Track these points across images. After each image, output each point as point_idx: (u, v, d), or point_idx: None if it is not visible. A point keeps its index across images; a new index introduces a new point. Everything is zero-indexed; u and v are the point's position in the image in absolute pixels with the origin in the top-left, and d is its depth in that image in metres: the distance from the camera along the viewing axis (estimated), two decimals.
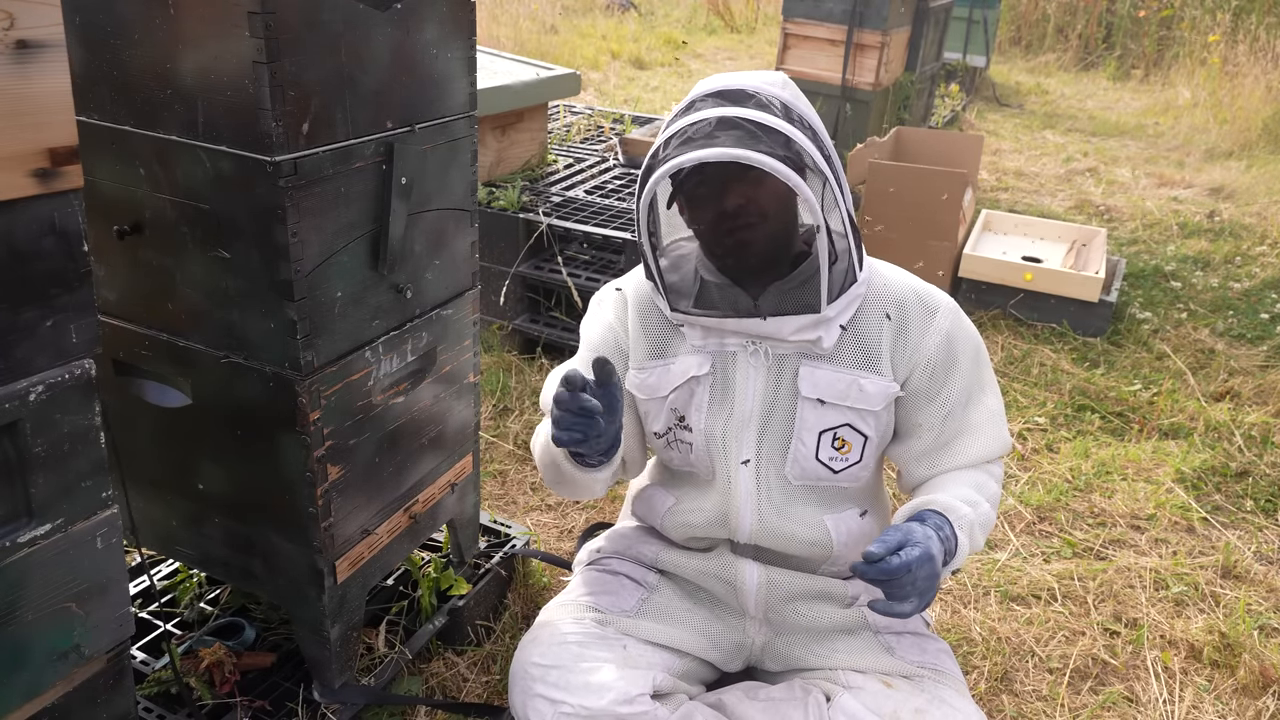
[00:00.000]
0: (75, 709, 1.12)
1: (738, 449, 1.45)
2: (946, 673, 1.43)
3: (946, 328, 1.44)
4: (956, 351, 1.44)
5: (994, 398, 1.50)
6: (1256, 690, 1.92)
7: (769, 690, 1.47)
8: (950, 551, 1.33)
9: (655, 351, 1.49)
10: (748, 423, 1.44)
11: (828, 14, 4.75)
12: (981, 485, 1.45)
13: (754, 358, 1.43)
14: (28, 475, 0.99)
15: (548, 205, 3.16)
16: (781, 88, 1.37)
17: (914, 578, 1.23)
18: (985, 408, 1.48)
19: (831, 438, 1.43)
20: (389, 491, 1.62)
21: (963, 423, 1.47)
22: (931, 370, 1.43)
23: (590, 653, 1.41)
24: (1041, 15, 9.45)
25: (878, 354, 1.42)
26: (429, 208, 1.55)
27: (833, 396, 1.41)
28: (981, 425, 1.47)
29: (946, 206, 3.57)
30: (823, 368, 1.42)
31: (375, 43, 1.35)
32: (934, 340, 1.43)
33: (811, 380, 1.42)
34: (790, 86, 1.39)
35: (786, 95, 1.36)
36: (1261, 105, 6.71)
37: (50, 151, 0.92)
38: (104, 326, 1.47)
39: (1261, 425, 2.91)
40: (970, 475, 1.47)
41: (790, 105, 1.34)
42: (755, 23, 10.80)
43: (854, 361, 1.42)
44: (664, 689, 1.43)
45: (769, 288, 1.42)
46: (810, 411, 1.42)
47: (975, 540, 1.39)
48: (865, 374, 1.42)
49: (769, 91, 1.34)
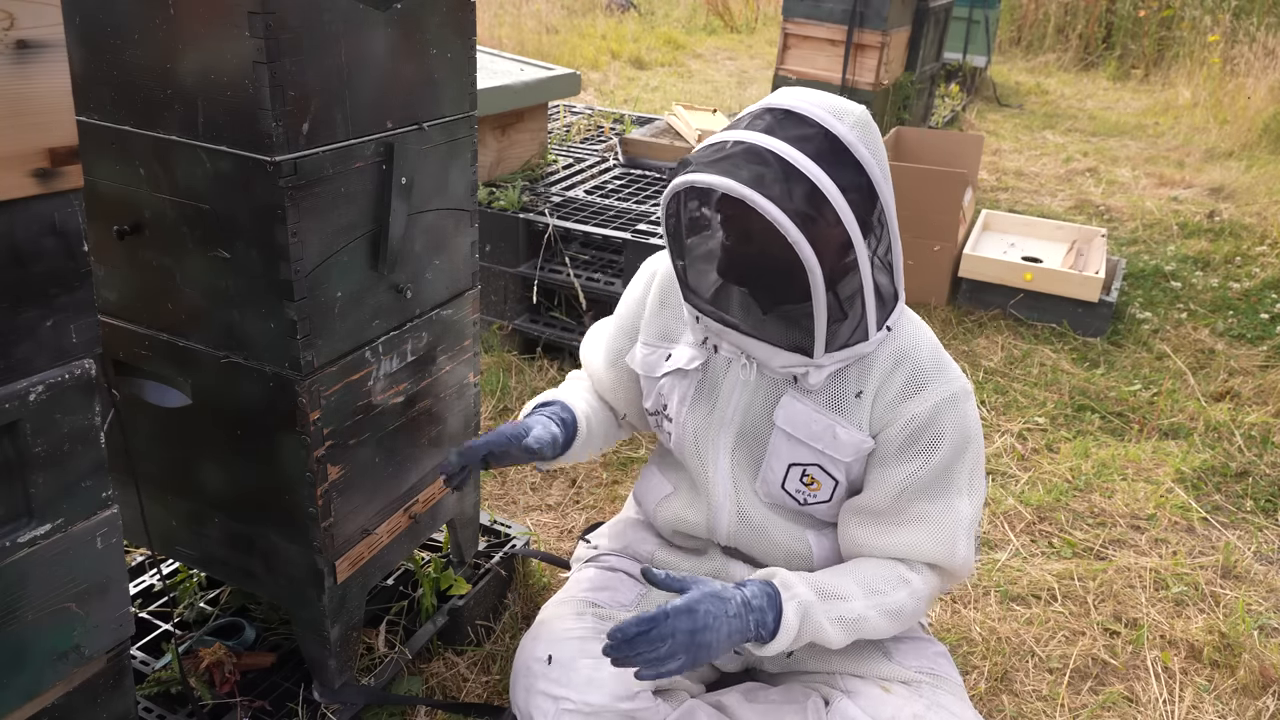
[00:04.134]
0: (75, 709, 1.12)
1: (714, 450, 1.46)
2: (945, 677, 1.43)
3: (938, 401, 1.34)
4: (944, 434, 1.34)
5: (967, 506, 1.37)
6: (1256, 690, 1.92)
7: (768, 693, 1.47)
8: (763, 624, 1.28)
9: (663, 333, 1.52)
10: (725, 426, 1.45)
11: (828, 14, 4.75)
12: (876, 586, 1.35)
13: (743, 371, 1.43)
14: (28, 475, 0.99)
15: (548, 205, 3.15)
16: (851, 126, 1.26)
17: (671, 629, 1.22)
18: (953, 509, 1.36)
19: (801, 473, 1.41)
20: (389, 491, 1.62)
21: (920, 508, 1.36)
22: (907, 432, 1.35)
23: (592, 649, 1.41)
24: (1041, 15, 9.45)
25: (860, 407, 1.37)
26: (429, 208, 1.55)
27: (806, 436, 1.38)
28: (939, 524, 1.36)
29: (946, 206, 3.57)
30: (803, 403, 1.38)
31: (375, 43, 1.35)
32: (923, 405, 1.34)
33: (788, 413, 1.39)
34: (863, 126, 1.28)
35: (850, 135, 1.25)
36: (1261, 105, 6.71)
37: (50, 151, 0.92)
38: (104, 326, 1.47)
39: (1261, 425, 2.91)
40: (880, 570, 1.37)
41: (850, 147, 1.24)
42: (755, 23, 10.80)
43: (834, 407, 1.37)
44: (664, 685, 1.43)
45: (780, 306, 1.36)
46: (783, 442, 1.41)
47: (820, 630, 1.31)
48: (843, 422, 1.37)
49: (829, 124, 1.25)
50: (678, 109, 3.81)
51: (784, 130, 1.24)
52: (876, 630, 1.35)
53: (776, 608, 1.29)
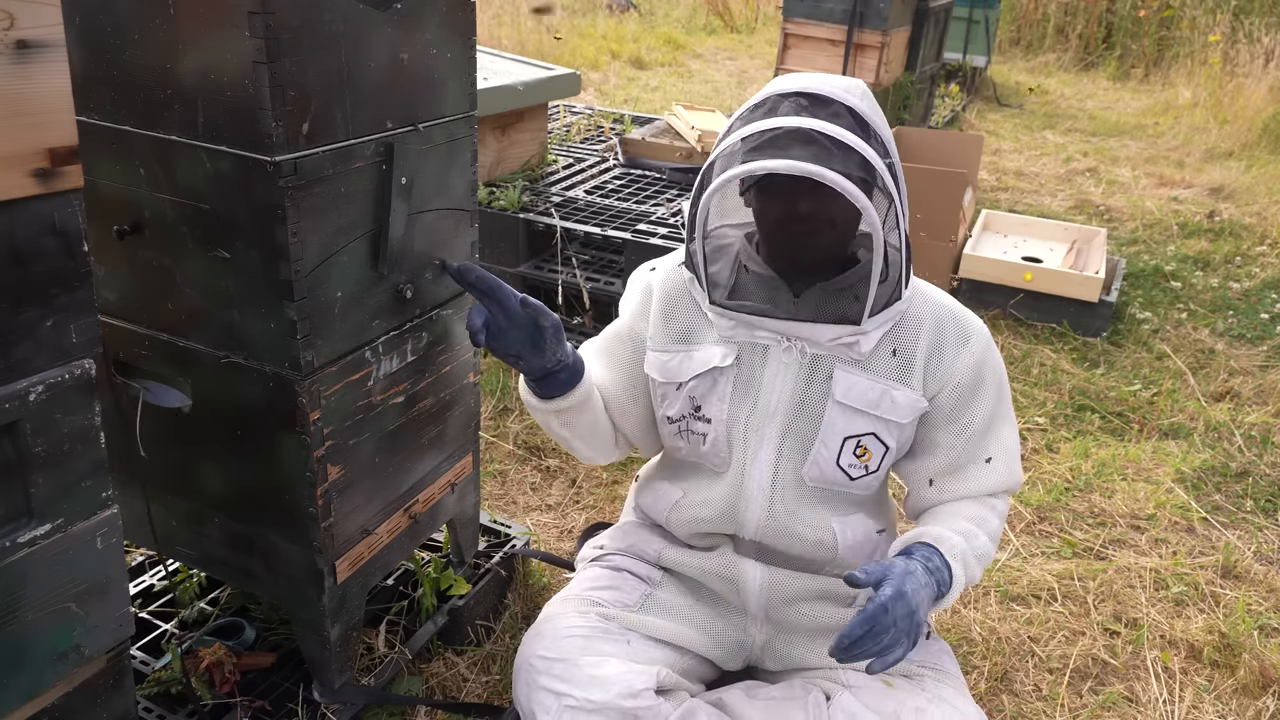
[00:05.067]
0: (75, 709, 1.12)
1: (757, 443, 1.45)
2: (947, 672, 1.43)
3: (979, 353, 1.44)
4: (984, 378, 1.45)
5: (1011, 431, 1.51)
6: (1256, 690, 1.92)
7: (769, 689, 1.47)
8: (943, 581, 1.35)
9: (680, 336, 1.49)
10: (771, 417, 1.44)
11: (828, 14, 4.75)
12: (982, 519, 1.46)
13: (786, 354, 1.43)
14: (28, 475, 0.99)
15: (548, 205, 3.15)
16: (860, 98, 1.35)
17: (892, 618, 1.24)
18: (1001, 440, 1.49)
19: (855, 444, 1.43)
20: (389, 491, 1.62)
21: (978, 449, 1.47)
22: (959, 392, 1.44)
23: (595, 646, 1.42)
24: (1041, 15, 9.45)
25: (912, 367, 1.42)
26: (429, 208, 1.55)
27: (864, 404, 1.41)
28: (996, 456, 1.48)
29: (946, 206, 3.57)
30: (857, 374, 1.41)
31: (375, 43, 1.35)
32: (966, 363, 1.43)
33: (846, 385, 1.41)
34: (868, 97, 1.38)
35: (864, 106, 1.35)
36: (1261, 105, 6.71)
37: (50, 151, 0.92)
38: (104, 326, 1.47)
39: (1261, 425, 2.91)
40: (971, 508, 1.47)
41: (867, 119, 1.33)
42: (755, 23, 10.80)
43: (888, 372, 1.42)
44: (667, 685, 1.43)
45: (814, 286, 1.42)
46: (839, 416, 1.42)
47: (971, 571, 1.41)
48: (898, 385, 1.42)
49: (848, 101, 1.33)
50: (678, 109, 3.81)
51: (815, 111, 1.31)
52: (990, 555, 1.46)
53: (945, 563, 1.37)
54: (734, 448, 1.46)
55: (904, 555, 1.37)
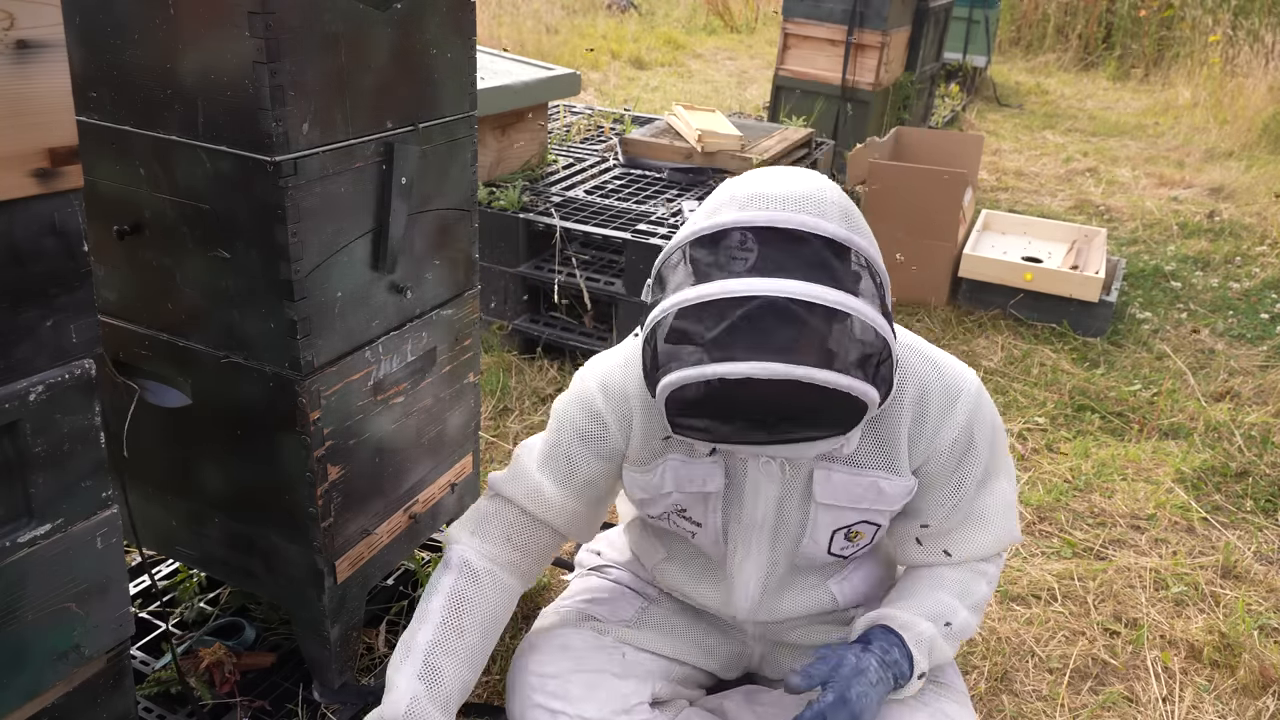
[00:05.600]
0: (75, 709, 1.12)
1: (744, 551, 1.39)
2: (948, 685, 1.42)
3: (966, 417, 1.30)
4: (975, 437, 1.33)
5: (1008, 483, 1.40)
6: (1256, 690, 1.92)
7: (770, 694, 1.46)
8: (902, 674, 1.29)
9: (663, 449, 1.32)
10: (759, 528, 1.37)
11: (828, 14, 4.75)
12: (966, 590, 1.38)
13: (766, 466, 1.31)
14: (28, 475, 0.99)
15: (548, 205, 3.15)
16: (838, 220, 1.07)
17: None
18: (998, 494, 1.38)
19: (845, 532, 1.37)
20: (389, 491, 1.62)
21: (971, 508, 1.37)
22: (947, 460, 1.33)
23: (589, 662, 1.41)
24: (1041, 15, 9.45)
25: (897, 450, 1.29)
26: (429, 208, 1.55)
27: (848, 501, 1.32)
28: (991, 514, 1.38)
29: (946, 206, 3.57)
30: (839, 471, 1.30)
31: (375, 43, 1.35)
32: (951, 434, 1.30)
33: (827, 485, 1.31)
34: (840, 207, 1.10)
35: (844, 231, 1.07)
36: (1262, 105, 6.71)
37: (50, 151, 0.92)
38: (104, 326, 1.47)
39: (1261, 425, 2.91)
40: (957, 576, 1.40)
41: (850, 243, 1.06)
42: (755, 23, 10.79)
43: (873, 462, 1.30)
44: (663, 696, 1.43)
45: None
46: (825, 515, 1.34)
47: (939, 654, 1.34)
48: (885, 474, 1.30)
49: (823, 229, 1.05)
50: (678, 109, 3.81)
51: (784, 259, 1.02)
52: (970, 629, 1.38)
53: (906, 652, 1.30)
54: (712, 547, 1.41)
55: (862, 643, 1.30)
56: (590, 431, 1.35)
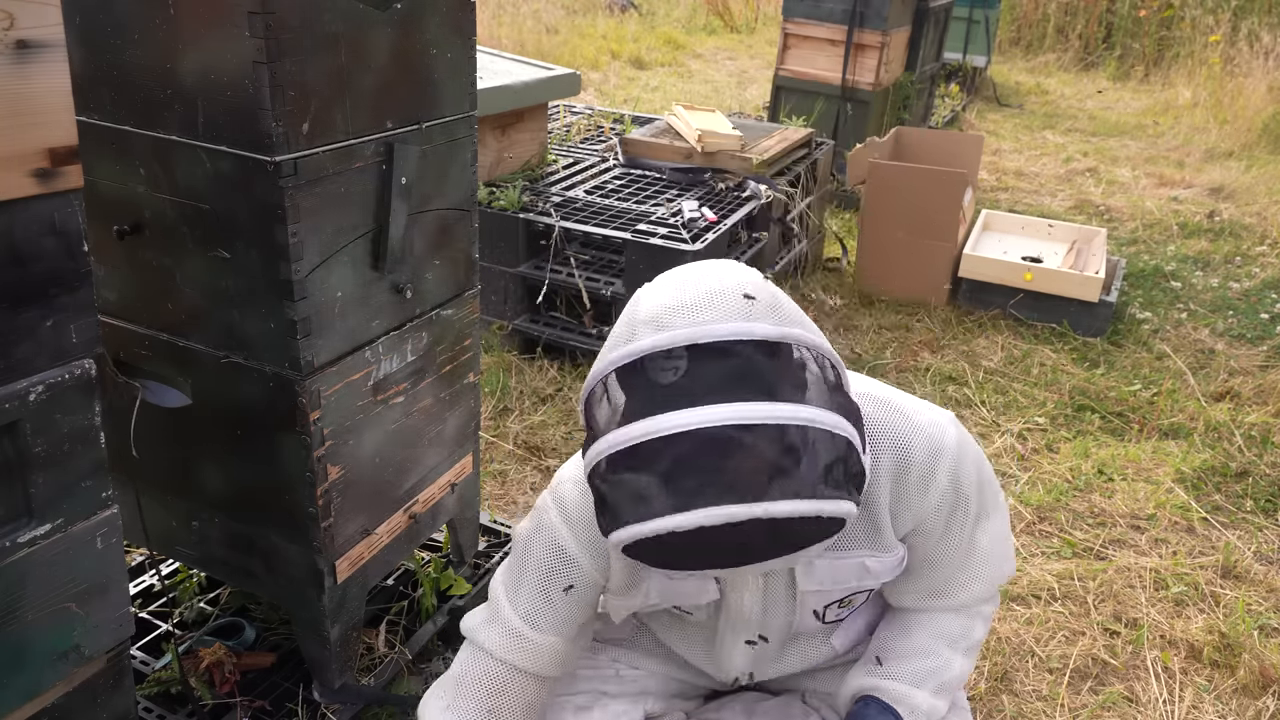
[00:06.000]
0: (75, 709, 1.12)
1: (732, 639, 1.34)
2: (956, 705, 1.41)
3: (947, 479, 1.19)
4: (962, 488, 1.22)
5: (1000, 523, 1.31)
6: (1256, 690, 1.92)
7: (768, 704, 1.45)
8: None
9: (645, 572, 1.22)
10: (745, 625, 1.32)
11: (828, 14, 4.75)
12: (960, 635, 1.33)
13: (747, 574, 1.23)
14: (28, 475, 0.99)
15: (548, 205, 3.15)
16: (765, 313, 0.95)
17: None
18: (991, 533, 1.29)
19: (836, 605, 1.31)
20: (389, 491, 1.62)
21: (963, 565, 1.29)
22: (934, 517, 1.23)
23: (580, 683, 1.40)
24: (1041, 15, 9.45)
25: (881, 525, 1.20)
26: (429, 208, 1.55)
27: (834, 584, 1.24)
28: (987, 555, 1.30)
29: (946, 206, 3.57)
30: (821, 558, 1.21)
31: (375, 43, 1.35)
32: (938, 494, 1.20)
33: (811, 577, 1.23)
34: (766, 293, 0.98)
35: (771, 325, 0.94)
36: (1261, 105, 6.71)
37: (50, 151, 0.92)
38: (104, 326, 1.47)
39: (1261, 425, 2.91)
40: (951, 623, 1.33)
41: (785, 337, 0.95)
42: (755, 23, 10.79)
43: (857, 543, 1.21)
44: (656, 712, 1.41)
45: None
46: (811, 599, 1.27)
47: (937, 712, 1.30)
48: (870, 553, 1.22)
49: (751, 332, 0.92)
50: (678, 109, 3.81)
51: (713, 379, 0.90)
52: (966, 676, 1.34)
53: None
54: (715, 637, 1.36)
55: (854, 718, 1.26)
56: (560, 570, 1.24)
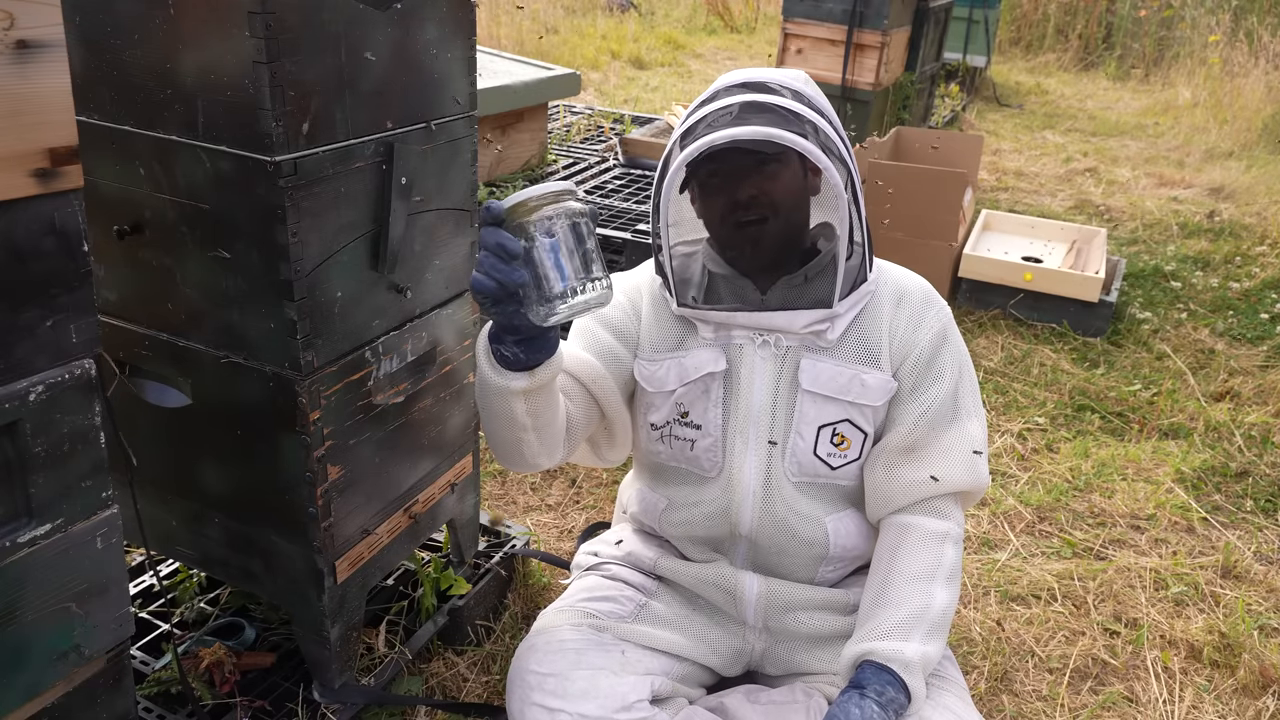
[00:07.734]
0: (75, 709, 1.12)
1: (743, 447, 1.45)
2: (948, 678, 1.43)
3: (938, 328, 1.44)
4: (943, 357, 1.44)
5: (978, 427, 1.46)
6: (1256, 690, 1.92)
7: (770, 693, 1.46)
8: (902, 706, 1.31)
9: (668, 344, 1.47)
10: (756, 421, 1.44)
11: (828, 14, 4.75)
12: (937, 564, 1.40)
13: (762, 349, 1.43)
14: (28, 475, 0.99)
15: None
16: (805, 84, 1.40)
17: None
18: (965, 433, 1.44)
19: (831, 433, 1.43)
20: (389, 491, 1.62)
21: (937, 433, 1.43)
22: (919, 366, 1.43)
23: (588, 659, 1.41)
24: (1041, 15, 9.45)
25: (879, 348, 1.42)
26: (429, 208, 1.54)
27: (833, 390, 1.41)
28: (954, 448, 1.43)
29: (946, 206, 3.57)
30: (824, 361, 1.41)
31: (375, 43, 1.35)
32: (926, 335, 1.43)
33: (813, 374, 1.41)
34: (811, 84, 1.41)
35: (809, 91, 1.39)
36: (1261, 105, 6.71)
37: (50, 151, 0.92)
38: (104, 326, 1.47)
39: (1261, 425, 2.91)
40: (918, 558, 1.40)
41: (812, 101, 1.37)
42: (755, 23, 10.80)
43: (856, 356, 1.42)
44: (663, 694, 1.43)
45: (777, 282, 1.43)
46: (810, 405, 1.42)
47: (930, 662, 1.36)
48: (867, 369, 1.41)
49: (793, 86, 1.37)
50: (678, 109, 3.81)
51: (762, 94, 1.34)
52: (952, 606, 1.41)
53: (900, 683, 1.32)
54: (725, 451, 1.46)
55: (857, 689, 1.31)
56: (619, 301, 1.50)
